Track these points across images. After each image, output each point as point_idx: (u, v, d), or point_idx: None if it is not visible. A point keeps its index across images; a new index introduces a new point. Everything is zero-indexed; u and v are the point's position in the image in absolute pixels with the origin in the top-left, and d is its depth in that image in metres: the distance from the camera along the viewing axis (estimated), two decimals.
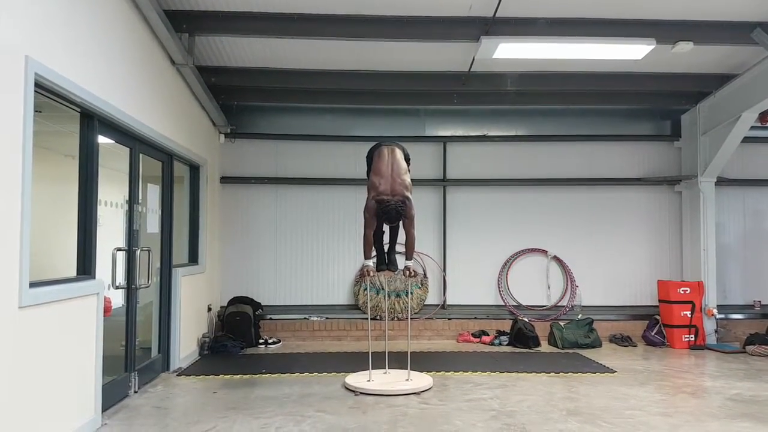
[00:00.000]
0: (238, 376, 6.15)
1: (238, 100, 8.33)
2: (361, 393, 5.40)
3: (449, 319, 8.50)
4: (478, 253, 8.76)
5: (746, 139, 7.91)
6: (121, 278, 5.13)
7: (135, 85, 5.13)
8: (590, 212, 8.86)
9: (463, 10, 5.87)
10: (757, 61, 7.02)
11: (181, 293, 6.40)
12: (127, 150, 5.28)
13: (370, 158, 5.86)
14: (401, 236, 5.94)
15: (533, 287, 8.78)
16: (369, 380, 5.63)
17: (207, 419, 4.65)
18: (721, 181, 8.46)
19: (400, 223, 5.69)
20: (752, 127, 7.69)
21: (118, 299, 5.38)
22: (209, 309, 7.80)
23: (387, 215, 5.45)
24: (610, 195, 8.89)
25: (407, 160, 5.89)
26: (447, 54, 6.97)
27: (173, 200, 6.40)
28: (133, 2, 5.03)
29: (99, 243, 4.55)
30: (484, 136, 8.82)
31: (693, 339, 7.93)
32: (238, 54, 7.02)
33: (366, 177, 5.91)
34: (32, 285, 3.52)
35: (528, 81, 7.74)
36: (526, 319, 8.21)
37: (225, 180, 8.53)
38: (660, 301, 8.30)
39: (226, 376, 6.13)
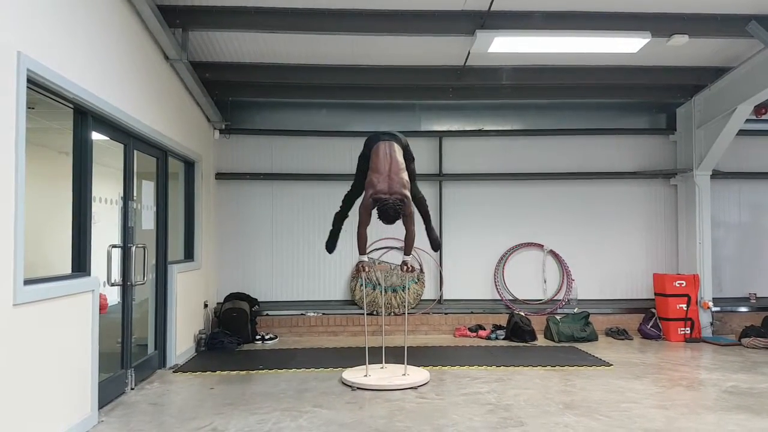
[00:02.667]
0: (235, 372, 6.14)
1: (232, 95, 8.28)
2: (358, 388, 5.40)
3: (446, 313, 8.51)
4: (475, 248, 8.76)
5: (741, 132, 7.91)
6: (116, 275, 5.11)
7: (129, 80, 5.09)
8: (586, 206, 8.87)
9: (458, 3, 5.85)
10: (752, 53, 7.02)
11: (176, 290, 6.38)
12: (121, 146, 5.25)
13: (368, 149, 5.78)
14: (401, 232, 5.87)
15: (529, 281, 8.79)
16: (366, 375, 5.63)
17: (204, 415, 4.64)
18: (717, 174, 8.47)
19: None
20: (747, 120, 7.69)
21: (113, 296, 5.37)
22: (205, 305, 7.78)
23: (385, 214, 5.36)
24: (606, 189, 8.90)
25: (407, 149, 5.82)
26: (442, 48, 6.95)
27: (168, 196, 6.37)
28: None
29: (94, 240, 4.54)
30: (479, 130, 8.81)
31: (689, 332, 7.95)
32: (233, 49, 6.99)
33: (356, 162, 5.88)
34: (27, 282, 3.50)
35: (523, 75, 7.74)
36: (523, 313, 8.22)
37: (220, 176, 8.50)
38: (656, 294, 8.31)
39: (222, 373, 6.12)
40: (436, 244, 6.49)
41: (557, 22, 6.07)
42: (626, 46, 6.40)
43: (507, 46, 6.32)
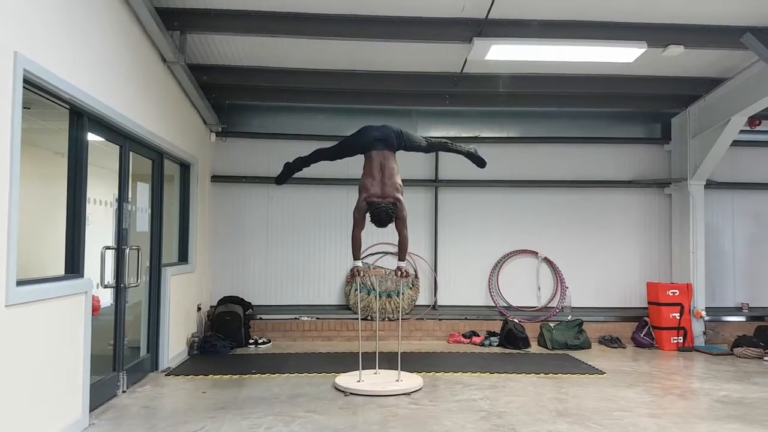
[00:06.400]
0: (228, 376, 6.12)
1: (229, 98, 8.28)
2: (351, 393, 5.39)
3: (440, 319, 8.51)
4: (470, 254, 8.77)
5: (735, 143, 7.98)
6: (110, 277, 5.09)
7: (125, 82, 5.09)
8: (581, 214, 8.90)
9: (455, 11, 5.88)
10: (747, 65, 7.08)
11: (170, 292, 6.36)
12: (117, 148, 5.24)
13: (359, 145, 5.76)
14: (394, 237, 5.89)
15: (523, 288, 8.81)
16: (359, 381, 5.63)
17: (195, 419, 4.62)
18: (711, 184, 8.52)
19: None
20: (741, 131, 7.75)
21: (106, 298, 5.34)
22: (199, 308, 7.76)
23: (377, 218, 5.43)
24: (601, 197, 8.93)
25: (402, 144, 5.77)
26: (439, 55, 6.97)
27: (163, 199, 6.36)
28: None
29: (88, 241, 4.52)
30: (476, 137, 8.83)
31: (681, 341, 7.98)
32: (230, 52, 6.99)
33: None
34: (20, 283, 3.49)
35: (520, 83, 7.76)
36: (516, 320, 8.23)
37: (216, 179, 8.49)
38: (649, 303, 8.34)
39: (215, 376, 6.10)
40: (480, 160, 6.47)
41: (554, 31, 6.10)
42: (622, 55, 6.44)
43: (504, 53, 6.34)
